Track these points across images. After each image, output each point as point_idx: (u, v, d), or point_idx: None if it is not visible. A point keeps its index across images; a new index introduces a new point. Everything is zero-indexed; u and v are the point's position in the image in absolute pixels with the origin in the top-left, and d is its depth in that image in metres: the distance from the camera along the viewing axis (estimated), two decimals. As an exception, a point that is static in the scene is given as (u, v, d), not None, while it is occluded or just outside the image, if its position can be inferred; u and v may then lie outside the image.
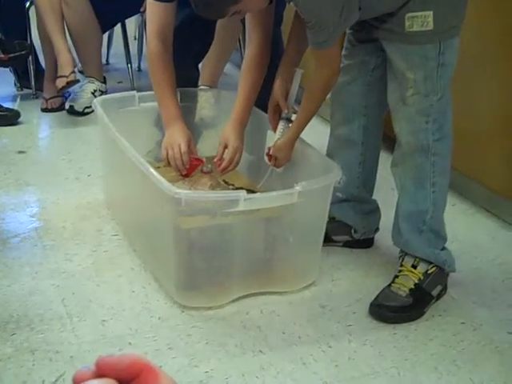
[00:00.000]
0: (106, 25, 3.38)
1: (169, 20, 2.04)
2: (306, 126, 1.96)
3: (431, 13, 1.68)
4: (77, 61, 3.26)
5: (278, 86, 1.98)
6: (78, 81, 3.11)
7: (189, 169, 2.05)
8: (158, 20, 2.03)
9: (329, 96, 2.00)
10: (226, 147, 2.03)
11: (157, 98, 2.08)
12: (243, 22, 2.44)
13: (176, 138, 2.01)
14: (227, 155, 2.03)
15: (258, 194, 1.88)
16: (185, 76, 2.28)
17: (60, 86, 3.05)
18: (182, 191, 1.72)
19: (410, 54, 1.75)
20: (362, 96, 1.99)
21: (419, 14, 1.69)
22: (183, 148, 2.00)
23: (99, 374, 0.41)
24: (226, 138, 2.03)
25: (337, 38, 1.74)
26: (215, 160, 2.05)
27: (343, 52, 1.96)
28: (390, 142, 2.07)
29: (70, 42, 3.20)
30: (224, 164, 2.03)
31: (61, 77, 3.05)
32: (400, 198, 1.95)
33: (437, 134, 1.82)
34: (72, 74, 3.05)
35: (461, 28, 1.77)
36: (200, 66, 2.68)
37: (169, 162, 2.03)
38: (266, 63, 2.04)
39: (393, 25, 1.74)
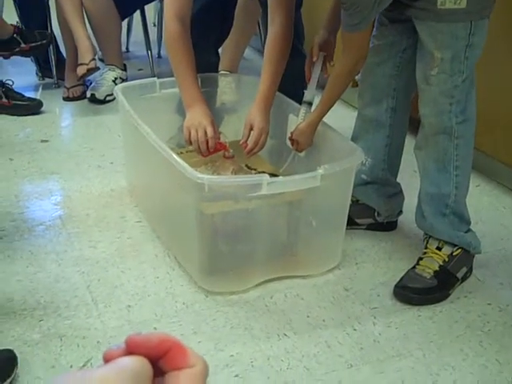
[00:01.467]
0: (125, 12, 3.38)
1: (187, 1, 2.03)
2: (329, 109, 1.94)
3: None
4: (97, 49, 3.27)
5: (318, 34, 2.00)
6: (98, 68, 3.12)
7: (211, 152, 2.04)
8: (176, 2, 2.01)
9: (357, 77, 2.00)
10: (251, 129, 2.02)
11: (177, 80, 2.06)
12: (262, 6, 2.44)
13: (201, 120, 1.98)
14: (252, 137, 2.01)
15: (280, 177, 1.88)
16: (205, 61, 2.27)
17: (80, 74, 3.07)
18: (205, 176, 1.73)
19: (440, 32, 1.73)
20: (392, 78, 1.98)
21: None
22: (209, 132, 1.97)
23: (129, 351, 0.41)
24: (251, 119, 2.02)
25: (370, 21, 1.73)
26: (241, 142, 2.04)
27: (374, 32, 1.94)
28: (414, 124, 2.05)
29: (89, 30, 3.21)
30: (250, 146, 2.01)
31: (81, 64, 3.06)
32: (422, 181, 1.94)
33: (460, 117, 1.80)
34: (92, 62, 3.06)
35: (492, 10, 1.75)
36: (220, 51, 2.68)
37: (191, 142, 2.01)
38: (290, 43, 2.02)
39: (425, 2, 1.72)
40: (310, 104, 2.04)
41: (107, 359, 0.41)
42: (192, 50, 2.03)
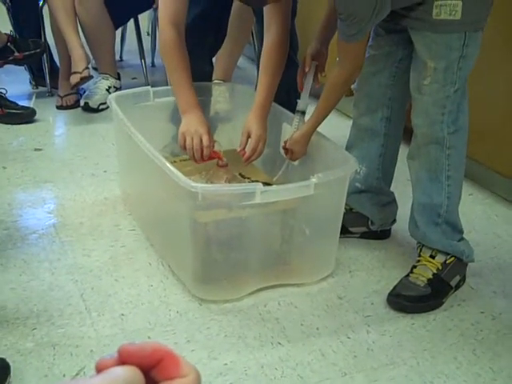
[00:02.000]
0: (119, 21, 3.39)
1: (182, 7, 2.03)
2: (324, 118, 1.95)
3: (460, 2, 1.67)
4: (91, 57, 3.28)
5: (311, 46, 2.01)
6: (91, 77, 3.12)
7: (205, 159, 2.04)
8: (170, 7, 2.01)
9: (353, 86, 2.01)
10: (249, 137, 2.02)
11: (172, 86, 2.06)
12: (256, 15, 2.45)
13: (197, 127, 1.98)
14: (250, 145, 2.01)
15: (274, 186, 1.88)
16: (199, 70, 2.28)
17: (74, 82, 3.07)
18: (199, 185, 1.73)
19: (434, 42, 1.74)
20: (387, 87, 1.99)
21: (448, 2, 1.68)
22: (205, 141, 1.97)
23: (122, 361, 0.41)
24: (248, 127, 2.02)
25: (367, 32, 1.75)
26: (239, 150, 2.04)
27: (370, 43, 1.95)
28: (408, 133, 2.06)
29: (83, 39, 3.21)
30: (248, 153, 2.01)
31: (74, 73, 3.07)
32: (414, 191, 1.95)
33: (452, 127, 1.81)
34: (85, 70, 3.06)
35: (486, 22, 1.76)
36: (213, 60, 2.68)
37: (185, 148, 2.00)
38: (286, 51, 2.03)
39: (420, 13, 1.73)
40: (303, 113, 2.04)
41: (100, 369, 0.40)
42: (187, 56, 2.04)
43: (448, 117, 1.80)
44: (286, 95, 2.22)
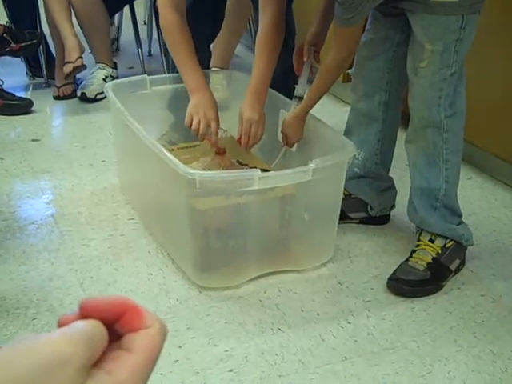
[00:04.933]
0: (113, 8, 3.38)
1: None
2: (316, 101, 1.95)
3: None
4: (87, 48, 3.26)
5: (310, 31, 1.99)
6: (85, 66, 3.10)
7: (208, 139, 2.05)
8: None
9: (351, 71, 2.00)
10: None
11: (178, 67, 2.06)
12: (253, 2, 2.43)
13: (207, 111, 1.99)
14: (241, 129, 2.01)
15: (272, 172, 1.88)
16: (198, 56, 2.27)
17: (67, 72, 3.05)
18: (197, 172, 1.72)
19: (432, 25, 1.73)
20: (385, 72, 1.98)
21: None
22: (213, 128, 1.98)
23: (83, 316, 0.40)
24: (240, 113, 2.02)
25: (363, 16, 1.74)
26: (237, 138, 2.04)
27: (367, 26, 1.95)
28: (406, 118, 2.05)
29: (78, 28, 3.20)
30: (244, 139, 2.01)
31: (68, 63, 3.05)
32: (412, 176, 1.94)
33: (449, 110, 1.80)
34: (79, 60, 3.04)
35: (483, 6, 1.75)
36: (211, 48, 2.67)
37: (190, 127, 2.00)
38: (282, 34, 2.01)
39: None
40: (300, 99, 2.04)
41: (61, 325, 0.40)
42: (191, 37, 2.03)
43: (445, 100, 1.79)
44: (283, 81, 2.21)
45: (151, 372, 0.40)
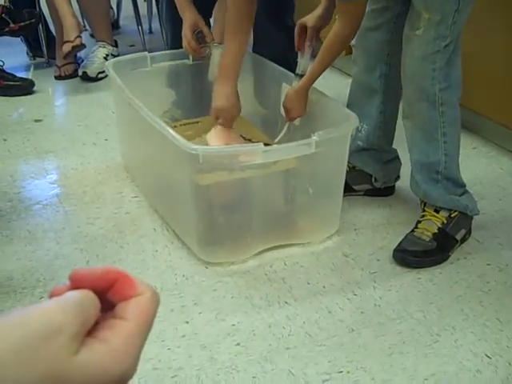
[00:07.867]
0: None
1: None
2: (318, 76, 1.93)
3: None
4: (87, 27, 3.24)
5: (314, 14, 1.97)
6: (83, 45, 3.08)
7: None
8: None
9: (352, 42, 1.97)
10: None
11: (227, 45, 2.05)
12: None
13: (234, 114, 2.04)
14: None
15: (275, 145, 1.87)
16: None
17: (65, 51, 3.04)
18: (200, 147, 1.72)
19: None
20: (385, 43, 1.96)
21: None
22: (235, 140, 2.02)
23: (74, 286, 0.40)
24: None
25: None
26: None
27: None
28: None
29: (76, 7, 3.17)
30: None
31: (66, 42, 3.03)
32: (411, 151, 1.93)
33: (443, 83, 1.78)
34: (77, 39, 3.02)
35: None
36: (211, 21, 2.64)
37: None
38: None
39: None
40: (302, 76, 2.02)
41: (52, 296, 0.40)
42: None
43: (439, 73, 1.77)
44: (284, 60, 2.19)
45: (145, 339, 0.40)
